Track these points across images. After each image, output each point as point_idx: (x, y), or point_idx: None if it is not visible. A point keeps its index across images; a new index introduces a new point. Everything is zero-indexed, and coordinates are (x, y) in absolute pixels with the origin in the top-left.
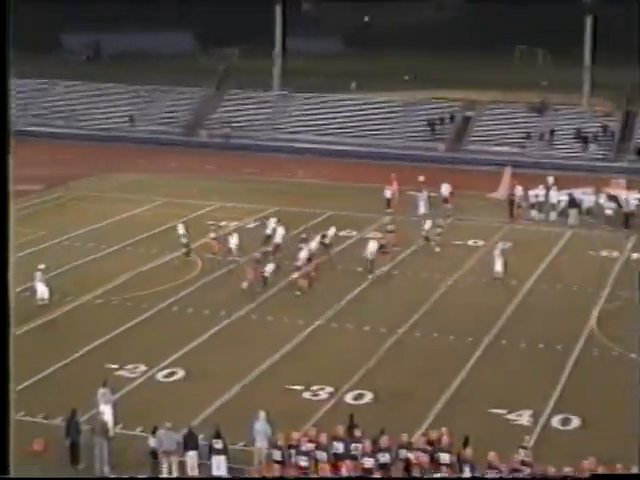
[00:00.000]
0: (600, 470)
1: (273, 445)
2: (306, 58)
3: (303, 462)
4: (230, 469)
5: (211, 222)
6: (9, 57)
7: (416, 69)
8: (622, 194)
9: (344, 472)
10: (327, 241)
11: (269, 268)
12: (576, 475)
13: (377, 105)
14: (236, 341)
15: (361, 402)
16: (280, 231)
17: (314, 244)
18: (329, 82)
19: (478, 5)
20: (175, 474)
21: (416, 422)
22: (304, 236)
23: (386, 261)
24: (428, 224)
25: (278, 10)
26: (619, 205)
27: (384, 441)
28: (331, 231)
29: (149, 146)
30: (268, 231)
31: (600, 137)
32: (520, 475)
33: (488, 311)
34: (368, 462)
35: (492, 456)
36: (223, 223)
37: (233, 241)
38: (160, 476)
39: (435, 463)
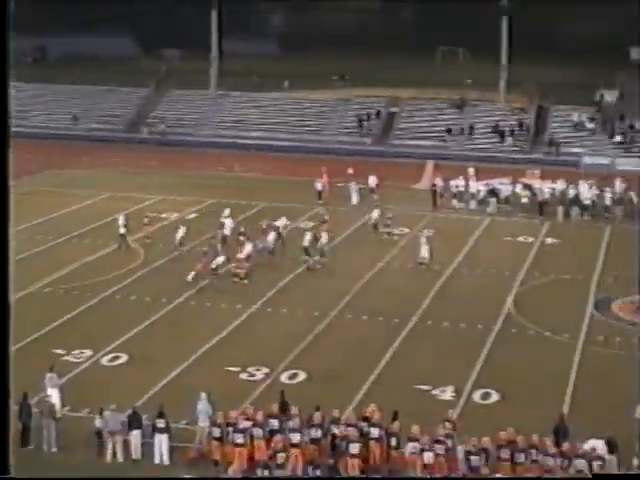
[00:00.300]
0: (519, 440)
1: (212, 423)
2: (242, 59)
3: (239, 439)
4: (172, 447)
5: (152, 214)
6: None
7: (345, 69)
8: (536, 184)
9: (272, 446)
10: (282, 231)
11: (219, 260)
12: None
13: (308, 103)
14: (177, 326)
15: (295, 381)
16: (229, 223)
17: (271, 237)
18: (264, 82)
19: (403, 8)
20: (119, 453)
21: (347, 399)
22: (242, 229)
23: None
24: (376, 213)
25: (214, 15)
26: (534, 194)
27: (317, 417)
28: (282, 221)
29: (93, 143)
30: (223, 221)
31: (516, 131)
32: (443, 446)
33: (414, 294)
34: (295, 437)
35: (415, 429)
36: (164, 215)
37: (180, 233)
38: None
39: (365, 437)
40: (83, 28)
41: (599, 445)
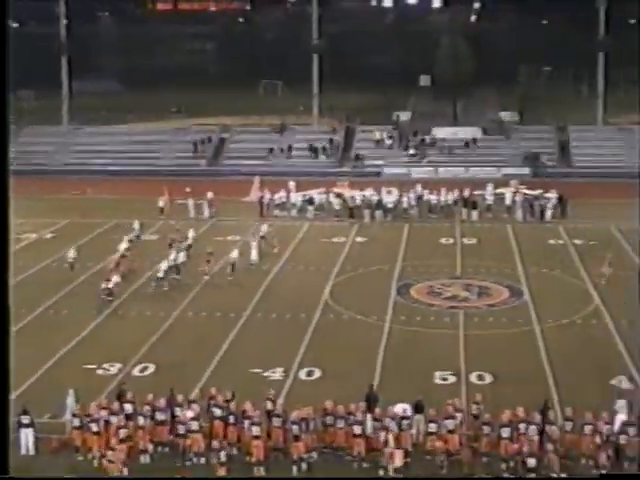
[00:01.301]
0: (338, 409)
1: (73, 414)
2: (90, 97)
3: (95, 427)
4: (37, 438)
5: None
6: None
7: (181, 102)
8: (346, 192)
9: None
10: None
11: (115, 280)
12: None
13: (150, 132)
14: (40, 331)
15: (146, 373)
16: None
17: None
18: (110, 115)
19: (229, 48)
20: None
21: (192, 384)
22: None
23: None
24: (264, 227)
25: (64, 59)
26: (344, 201)
27: (161, 402)
28: (191, 233)
29: None
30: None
31: (328, 149)
32: (280, 419)
33: (246, 290)
34: (141, 420)
35: (247, 406)
36: (24, 236)
37: (70, 254)
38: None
39: (210, 414)
40: None
41: (406, 408)
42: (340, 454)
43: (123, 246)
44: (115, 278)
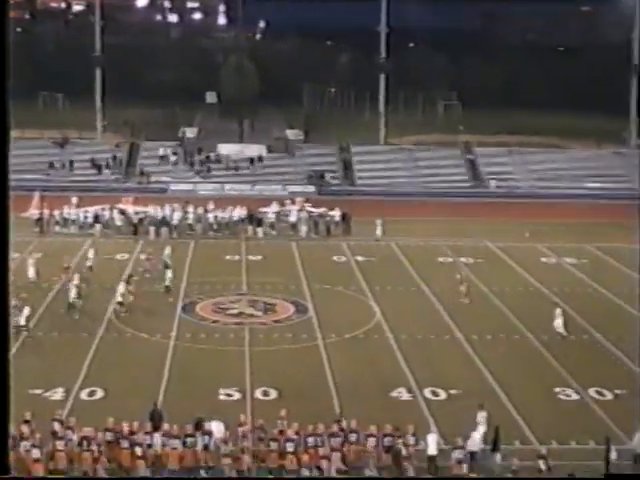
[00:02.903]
0: (122, 427)
1: None
2: None
3: None
4: None
5: None
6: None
7: None
8: (130, 208)
9: None
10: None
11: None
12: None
13: None
14: None
15: None
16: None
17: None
18: None
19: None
20: None
21: None
22: None
23: None
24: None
25: None
26: (128, 217)
27: None
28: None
29: None
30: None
31: (111, 164)
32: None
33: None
34: None
35: (24, 428)
36: None
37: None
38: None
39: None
40: None
41: (220, 426)
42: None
43: None
44: None
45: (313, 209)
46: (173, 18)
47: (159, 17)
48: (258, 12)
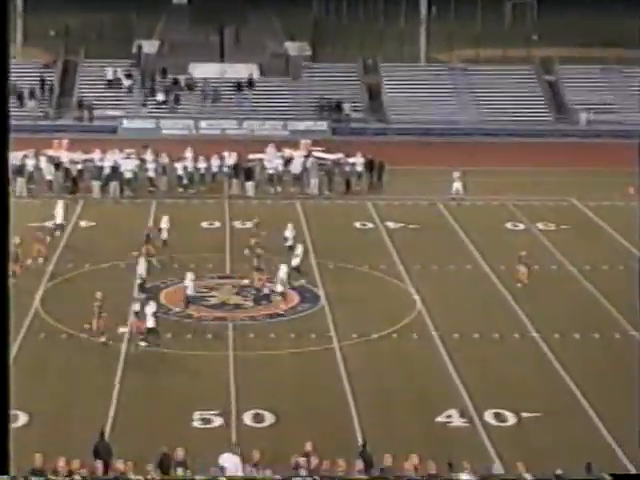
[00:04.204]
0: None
1: None
2: None
3: None
4: None
5: None
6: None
7: None
8: (65, 155)
9: None
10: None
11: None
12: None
13: None
14: None
15: None
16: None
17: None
18: None
19: None
20: None
21: None
22: None
23: None
24: None
25: None
26: (63, 168)
27: None
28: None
29: None
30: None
31: (38, 92)
32: None
33: None
34: None
35: None
36: None
37: None
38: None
39: None
40: None
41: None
42: None
43: None
44: None
45: (326, 155)
46: None
47: None
48: None
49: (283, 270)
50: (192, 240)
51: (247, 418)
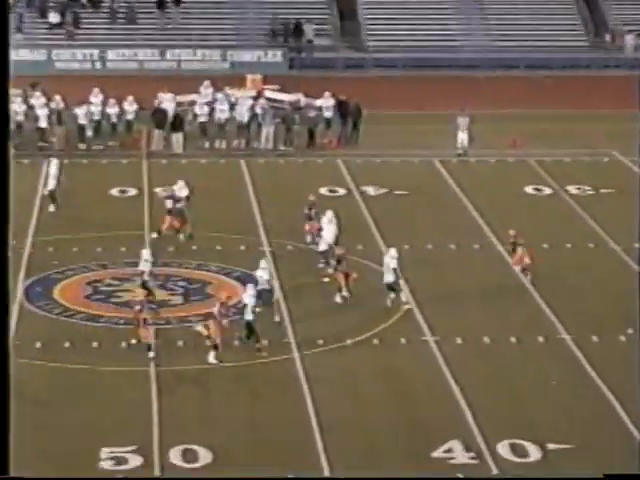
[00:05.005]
0: None
1: None
2: None
3: None
4: None
5: None
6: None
7: None
8: None
9: None
10: None
11: None
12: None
13: None
14: None
15: None
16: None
17: None
18: None
19: None
20: None
21: None
22: None
23: None
24: None
25: None
26: None
27: None
28: None
29: None
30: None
31: None
32: None
33: None
34: None
35: None
36: None
37: None
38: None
39: None
40: None
41: None
42: None
43: None
44: None
45: (282, 96)
46: None
47: None
48: None
49: None
50: (97, 213)
51: (174, 456)
